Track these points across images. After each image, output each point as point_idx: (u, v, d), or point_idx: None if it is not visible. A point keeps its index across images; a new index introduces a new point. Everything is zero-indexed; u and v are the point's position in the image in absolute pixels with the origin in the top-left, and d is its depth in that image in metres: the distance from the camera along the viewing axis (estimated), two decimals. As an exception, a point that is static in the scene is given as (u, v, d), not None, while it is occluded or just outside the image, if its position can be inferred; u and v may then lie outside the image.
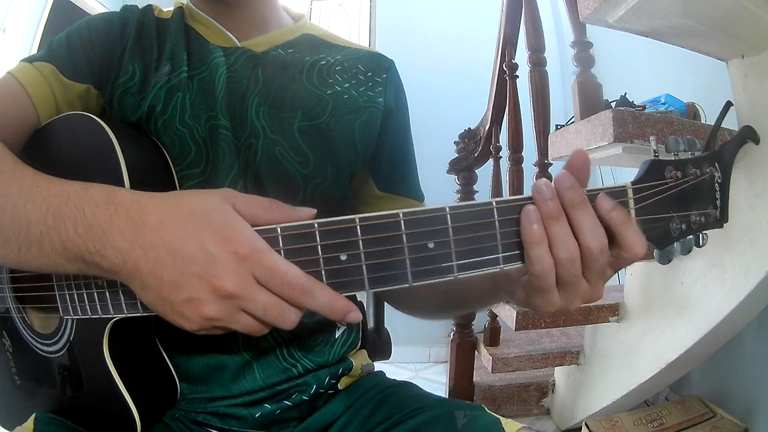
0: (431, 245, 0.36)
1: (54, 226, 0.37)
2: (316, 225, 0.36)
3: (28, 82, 0.53)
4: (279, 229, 0.36)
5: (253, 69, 0.58)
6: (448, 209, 0.36)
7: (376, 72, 0.64)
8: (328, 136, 0.58)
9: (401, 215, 0.35)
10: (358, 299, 0.72)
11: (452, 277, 0.36)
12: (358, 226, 0.35)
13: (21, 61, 0.55)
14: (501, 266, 0.37)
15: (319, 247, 0.36)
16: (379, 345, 0.85)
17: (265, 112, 0.56)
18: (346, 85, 0.61)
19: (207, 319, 0.35)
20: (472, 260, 0.36)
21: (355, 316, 0.37)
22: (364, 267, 0.36)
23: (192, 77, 0.56)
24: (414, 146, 0.69)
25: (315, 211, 0.38)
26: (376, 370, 0.67)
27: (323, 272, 0.36)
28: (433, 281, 0.36)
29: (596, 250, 0.36)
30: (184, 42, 0.59)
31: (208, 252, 0.34)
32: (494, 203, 0.36)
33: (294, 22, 0.68)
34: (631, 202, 0.38)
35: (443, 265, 0.36)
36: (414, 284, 0.36)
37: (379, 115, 0.62)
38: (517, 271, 0.41)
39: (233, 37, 0.60)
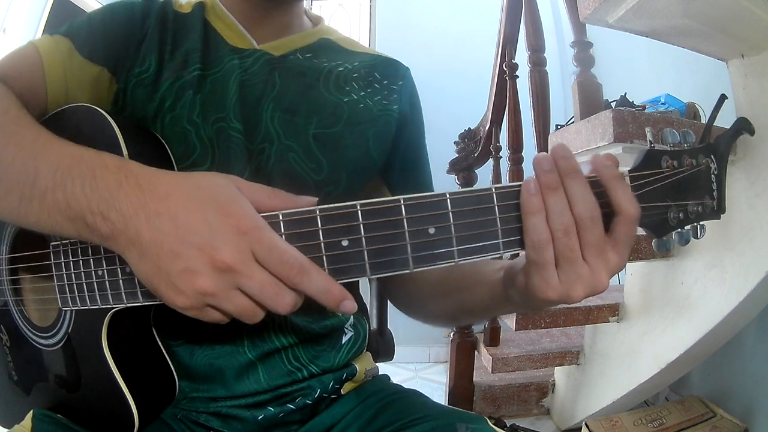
0: (432, 230, 0.36)
1: (61, 182, 0.37)
2: (317, 211, 0.36)
3: (45, 51, 0.53)
4: (281, 215, 0.37)
5: (270, 73, 0.58)
6: (448, 195, 0.36)
7: (391, 80, 0.64)
8: (342, 144, 0.58)
9: (402, 201, 0.36)
10: (363, 301, 0.72)
11: (453, 263, 0.37)
12: (359, 212, 0.36)
13: (43, 33, 0.56)
14: (501, 251, 0.37)
15: (321, 233, 0.36)
16: (382, 346, 0.85)
17: (280, 118, 0.56)
18: (362, 93, 0.61)
19: (201, 293, 0.35)
20: (472, 245, 0.37)
21: (351, 305, 0.36)
22: (365, 252, 0.36)
23: (205, 77, 0.56)
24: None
25: (316, 199, 0.38)
26: (380, 373, 0.67)
27: (324, 258, 0.36)
28: (434, 266, 0.37)
29: (587, 219, 0.36)
30: (201, 40, 0.58)
31: (210, 224, 0.34)
32: (494, 189, 0.37)
33: (313, 25, 0.68)
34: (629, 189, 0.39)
35: (444, 250, 0.36)
36: (415, 270, 0.36)
37: (394, 122, 0.62)
38: (520, 260, 0.41)
39: (252, 38, 0.60)
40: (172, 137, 0.53)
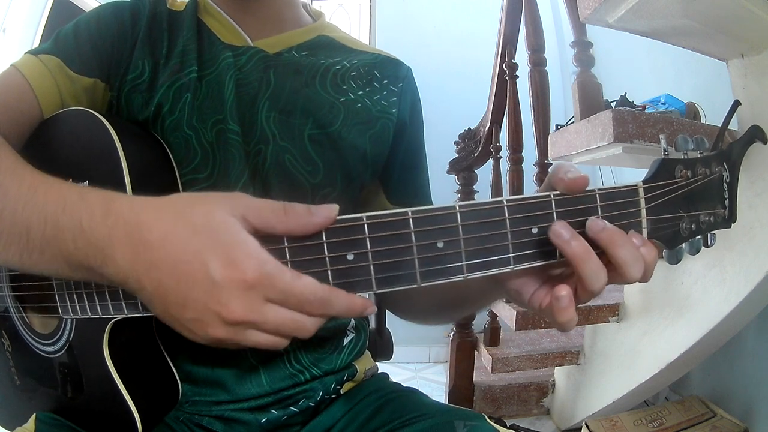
0: (440, 245, 0.35)
1: (53, 236, 0.36)
2: None
3: (32, 76, 0.51)
4: None
5: (264, 71, 0.56)
6: (458, 207, 0.35)
7: (391, 80, 0.63)
8: (339, 145, 0.56)
9: (410, 213, 0.34)
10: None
11: (462, 278, 0.35)
12: (366, 225, 0.34)
13: (26, 53, 0.54)
14: (512, 266, 0.36)
15: (325, 246, 0.34)
16: (380, 345, 0.85)
17: (276, 118, 0.55)
18: (360, 92, 0.60)
19: (214, 339, 0.34)
20: (482, 260, 0.35)
21: (372, 309, 0.36)
22: (371, 267, 0.35)
23: (201, 78, 0.55)
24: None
25: (337, 207, 0.35)
26: (379, 372, 0.66)
27: (329, 272, 0.35)
28: (442, 281, 0.35)
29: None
30: (196, 39, 0.56)
31: (213, 279, 0.32)
32: (505, 201, 0.35)
33: (313, 20, 0.66)
34: (642, 202, 0.38)
35: (453, 265, 0.35)
36: (423, 285, 0.35)
37: (392, 126, 0.61)
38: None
39: (246, 35, 0.58)
40: (173, 142, 0.52)
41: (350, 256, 0.35)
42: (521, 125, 1.56)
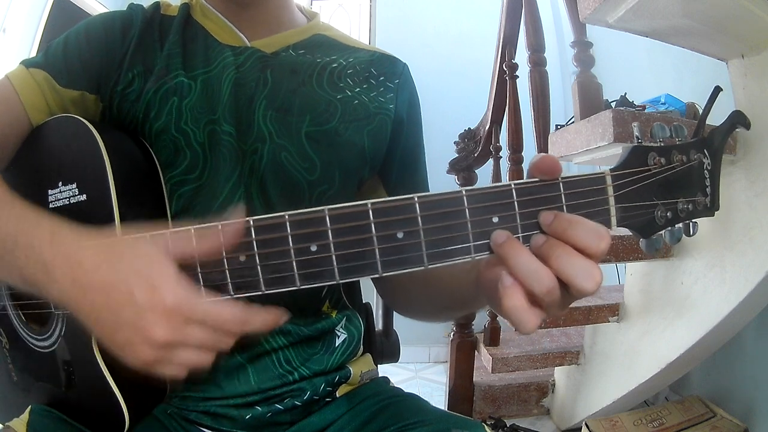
0: (400, 235, 0.36)
1: (11, 250, 0.40)
2: (286, 216, 0.36)
3: (22, 88, 0.53)
4: (252, 221, 0.36)
5: (261, 71, 0.57)
6: (416, 198, 0.36)
7: (388, 77, 0.63)
8: (336, 142, 0.57)
9: (369, 205, 0.36)
10: (365, 300, 0.72)
11: (422, 267, 0.36)
12: (327, 217, 0.36)
13: (20, 63, 0.55)
14: (472, 255, 0.36)
15: (290, 238, 0.36)
16: (387, 347, 0.84)
17: (273, 116, 0.55)
18: (357, 89, 0.60)
19: (144, 362, 0.36)
20: (442, 249, 0.36)
21: (284, 317, 0.39)
22: (334, 257, 0.36)
23: (195, 77, 0.55)
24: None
25: (243, 222, 0.37)
26: (381, 375, 0.66)
27: (294, 263, 0.36)
28: (403, 271, 0.36)
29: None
30: (181, 42, 0.57)
31: (137, 303, 0.35)
32: (464, 192, 0.36)
33: (307, 20, 0.66)
34: (610, 189, 0.37)
35: (413, 254, 0.36)
36: (384, 274, 0.36)
37: (389, 122, 0.61)
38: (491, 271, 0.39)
39: (243, 36, 0.59)
40: (161, 146, 0.53)
41: (313, 248, 0.36)
42: (521, 125, 1.56)
